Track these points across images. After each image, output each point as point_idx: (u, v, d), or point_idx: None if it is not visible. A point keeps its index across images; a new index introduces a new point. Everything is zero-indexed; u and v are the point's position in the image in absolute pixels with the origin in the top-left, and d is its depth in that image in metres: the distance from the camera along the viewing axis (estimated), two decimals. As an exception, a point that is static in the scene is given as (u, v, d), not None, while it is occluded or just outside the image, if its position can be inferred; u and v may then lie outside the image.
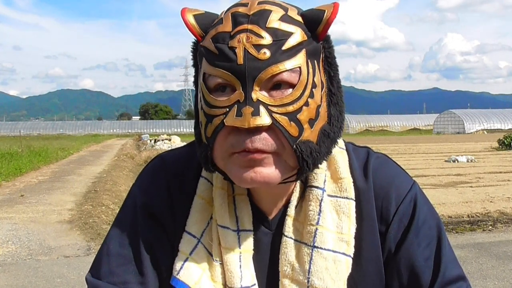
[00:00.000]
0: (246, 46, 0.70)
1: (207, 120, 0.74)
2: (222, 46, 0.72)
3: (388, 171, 0.88)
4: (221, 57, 0.72)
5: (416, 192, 0.87)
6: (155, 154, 10.98)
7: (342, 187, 0.84)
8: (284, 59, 0.71)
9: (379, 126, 73.84)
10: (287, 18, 0.74)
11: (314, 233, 0.80)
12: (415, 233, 0.84)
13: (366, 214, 0.84)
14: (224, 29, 0.73)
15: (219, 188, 0.84)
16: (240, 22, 0.72)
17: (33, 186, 11.09)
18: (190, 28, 0.76)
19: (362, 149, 0.91)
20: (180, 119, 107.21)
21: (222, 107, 0.72)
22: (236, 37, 0.71)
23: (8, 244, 5.88)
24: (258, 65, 0.70)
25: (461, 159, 15.33)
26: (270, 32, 0.71)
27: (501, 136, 23.56)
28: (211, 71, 0.73)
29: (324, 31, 0.75)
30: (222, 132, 0.73)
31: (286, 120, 0.72)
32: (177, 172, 0.89)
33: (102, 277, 0.84)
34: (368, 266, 0.83)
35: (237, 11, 0.74)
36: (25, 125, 76.99)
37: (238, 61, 0.70)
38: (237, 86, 0.71)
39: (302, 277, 0.79)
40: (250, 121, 0.70)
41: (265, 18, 0.72)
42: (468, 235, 6.15)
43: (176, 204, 0.87)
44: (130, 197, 0.90)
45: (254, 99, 0.70)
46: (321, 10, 0.74)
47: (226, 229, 0.81)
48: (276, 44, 0.71)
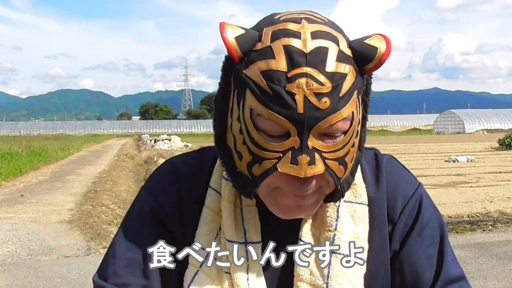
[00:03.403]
0: (307, 93, 0.67)
1: (254, 159, 0.72)
2: (277, 88, 0.67)
3: (394, 172, 0.89)
4: (277, 101, 0.68)
5: (422, 193, 0.88)
6: (155, 154, 10.94)
7: (356, 193, 0.85)
8: (341, 106, 0.69)
9: (379, 126, 73.83)
10: (341, 56, 0.70)
11: (332, 238, 0.81)
12: (419, 233, 0.85)
13: (377, 217, 0.85)
14: (278, 67, 0.68)
15: (226, 201, 0.83)
16: (297, 63, 0.67)
17: (33, 186, 11.09)
18: (230, 50, 0.71)
19: (370, 151, 0.91)
20: (180, 119, 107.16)
21: (275, 152, 0.71)
22: (295, 81, 0.67)
23: (8, 244, 5.88)
24: (318, 115, 0.68)
25: (461, 159, 15.33)
26: (328, 76, 0.68)
27: (501, 136, 23.57)
28: (263, 112, 0.69)
29: (374, 69, 0.72)
30: (272, 175, 0.72)
31: (337, 165, 0.72)
32: (186, 179, 0.88)
33: (107, 278, 0.83)
34: (379, 267, 0.84)
35: (290, 44, 0.68)
36: (25, 125, 76.99)
37: (298, 109, 0.67)
38: (292, 132, 0.69)
39: (321, 282, 0.79)
40: (306, 170, 0.69)
41: (323, 59, 0.68)
42: (468, 235, 6.15)
43: (185, 211, 0.86)
44: (138, 201, 0.89)
45: (309, 147, 0.69)
46: (372, 47, 0.71)
47: (232, 243, 0.81)
48: (335, 90, 0.68)
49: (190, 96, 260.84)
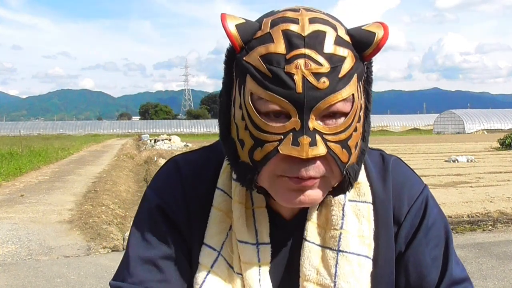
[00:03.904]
0: (305, 73, 0.68)
1: (255, 143, 0.72)
2: (276, 69, 0.69)
3: (400, 174, 0.89)
4: (276, 82, 0.69)
5: (427, 195, 0.89)
6: (155, 154, 10.92)
7: (360, 192, 0.85)
8: (341, 87, 0.69)
9: (379, 126, 73.84)
10: (340, 40, 0.71)
11: (338, 237, 0.81)
12: (424, 234, 0.86)
13: (383, 217, 0.85)
14: (277, 50, 0.69)
15: (237, 202, 0.83)
16: (295, 45, 0.69)
17: (33, 186, 11.09)
18: (231, 39, 0.72)
19: (376, 152, 0.92)
20: (180, 119, 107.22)
21: (276, 134, 0.70)
22: (293, 62, 0.68)
23: (8, 244, 5.88)
24: (317, 95, 0.68)
25: (461, 159, 15.33)
26: (327, 58, 0.69)
27: (501, 136, 23.56)
28: (263, 94, 0.70)
29: (372, 54, 0.73)
30: (274, 158, 0.72)
31: (339, 148, 0.72)
32: (191, 177, 0.88)
33: (124, 279, 0.84)
34: (385, 267, 0.85)
35: (288, 29, 0.70)
36: (25, 125, 77.03)
37: (297, 89, 0.68)
38: (292, 113, 0.69)
39: (329, 281, 0.80)
40: (308, 151, 0.69)
41: (321, 41, 0.69)
42: (468, 235, 6.15)
43: (192, 209, 0.86)
44: (145, 201, 0.89)
45: (310, 128, 0.69)
46: (370, 32, 0.72)
47: (245, 244, 0.81)
48: (334, 71, 0.69)
49: (190, 96, 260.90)
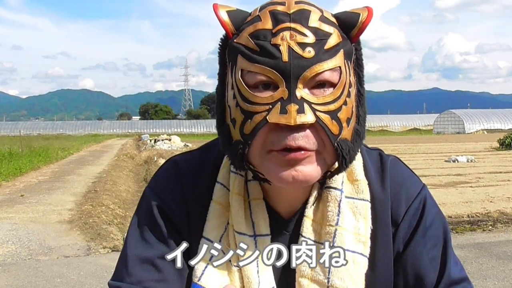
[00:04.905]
0: (291, 44, 0.71)
1: (246, 117, 0.74)
2: (263, 43, 0.72)
3: (399, 173, 0.89)
4: (263, 54, 0.72)
5: (426, 195, 0.88)
6: (155, 154, 10.93)
7: (358, 189, 0.85)
8: (326, 58, 0.72)
9: (379, 126, 73.82)
10: (325, 19, 0.74)
11: (333, 233, 0.81)
12: (422, 234, 0.85)
13: (381, 216, 0.85)
14: (264, 26, 0.73)
15: (236, 194, 0.83)
16: (281, 20, 0.72)
17: (33, 186, 11.09)
18: (223, 24, 0.76)
19: (375, 151, 0.92)
20: (180, 119, 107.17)
21: (264, 104, 0.72)
22: (279, 34, 0.71)
23: (8, 244, 5.88)
24: (303, 63, 0.70)
25: (461, 159, 15.32)
26: (312, 31, 0.72)
27: (501, 136, 23.55)
28: (251, 67, 0.72)
29: (358, 34, 0.76)
30: (263, 129, 0.72)
31: (329, 118, 0.73)
32: (189, 177, 0.89)
33: (122, 279, 0.84)
34: (382, 267, 0.84)
35: (275, 9, 0.74)
36: (25, 125, 76.96)
37: (283, 58, 0.70)
38: (280, 83, 0.71)
39: (322, 277, 0.80)
40: (295, 118, 0.70)
41: (306, 17, 0.73)
42: (468, 235, 6.15)
43: (191, 207, 0.87)
44: (144, 200, 0.90)
45: (298, 97, 0.71)
46: (355, 13, 0.75)
47: (242, 235, 0.81)
48: (319, 43, 0.72)
49: (190, 96, 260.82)
